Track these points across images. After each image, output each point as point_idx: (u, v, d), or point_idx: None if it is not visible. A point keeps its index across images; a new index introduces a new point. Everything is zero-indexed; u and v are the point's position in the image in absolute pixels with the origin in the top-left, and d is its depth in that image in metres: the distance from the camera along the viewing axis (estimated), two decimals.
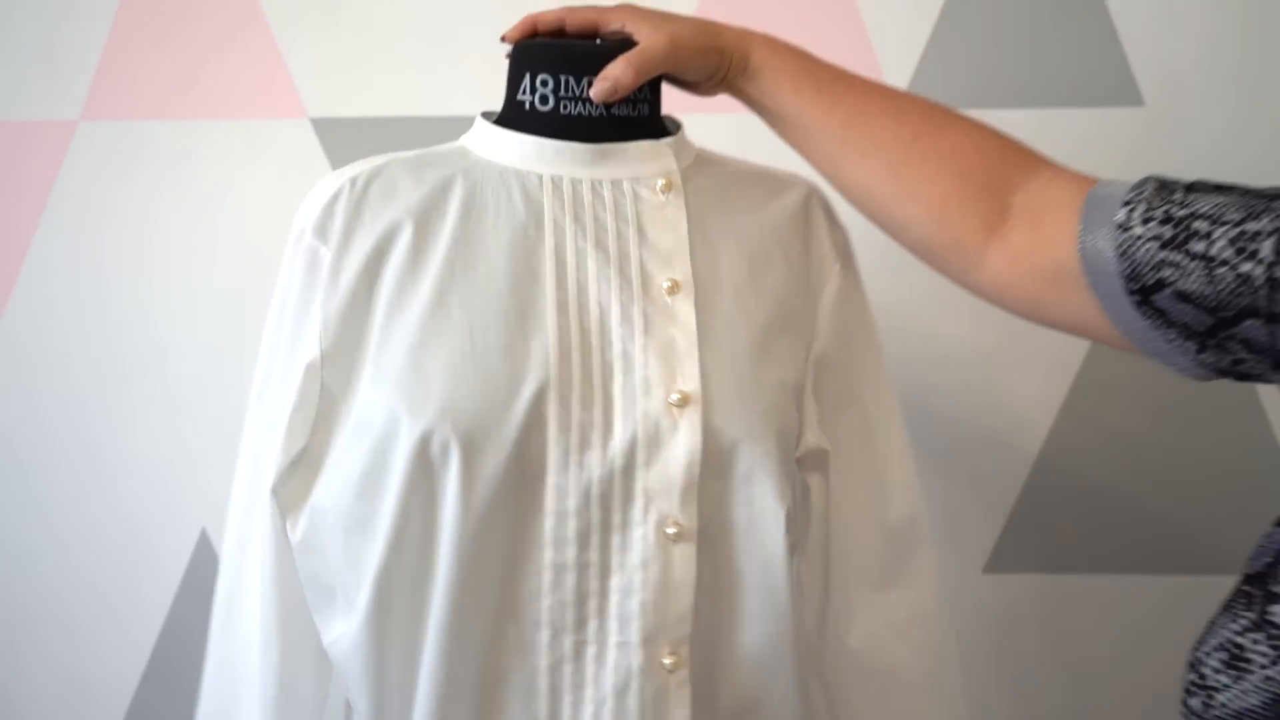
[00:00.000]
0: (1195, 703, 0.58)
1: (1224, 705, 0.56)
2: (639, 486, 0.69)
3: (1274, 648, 0.55)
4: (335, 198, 0.73)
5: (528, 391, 0.67)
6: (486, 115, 0.79)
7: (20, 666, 1.26)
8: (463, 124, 1.14)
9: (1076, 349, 1.15)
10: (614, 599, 0.69)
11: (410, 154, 0.77)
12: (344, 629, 0.72)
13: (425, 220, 0.73)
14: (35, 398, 1.22)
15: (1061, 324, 0.70)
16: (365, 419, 0.70)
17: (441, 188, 0.74)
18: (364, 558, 0.70)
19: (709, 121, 0.89)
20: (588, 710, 0.69)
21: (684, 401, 0.70)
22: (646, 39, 0.74)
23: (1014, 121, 1.11)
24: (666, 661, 0.69)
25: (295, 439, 0.73)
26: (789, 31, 1.11)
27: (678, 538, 0.69)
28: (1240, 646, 0.57)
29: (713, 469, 0.71)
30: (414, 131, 1.16)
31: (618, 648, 0.69)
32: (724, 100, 0.80)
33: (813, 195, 0.83)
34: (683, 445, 0.69)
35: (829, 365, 0.80)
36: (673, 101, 0.78)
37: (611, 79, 0.73)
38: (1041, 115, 1.12)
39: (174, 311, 1.20)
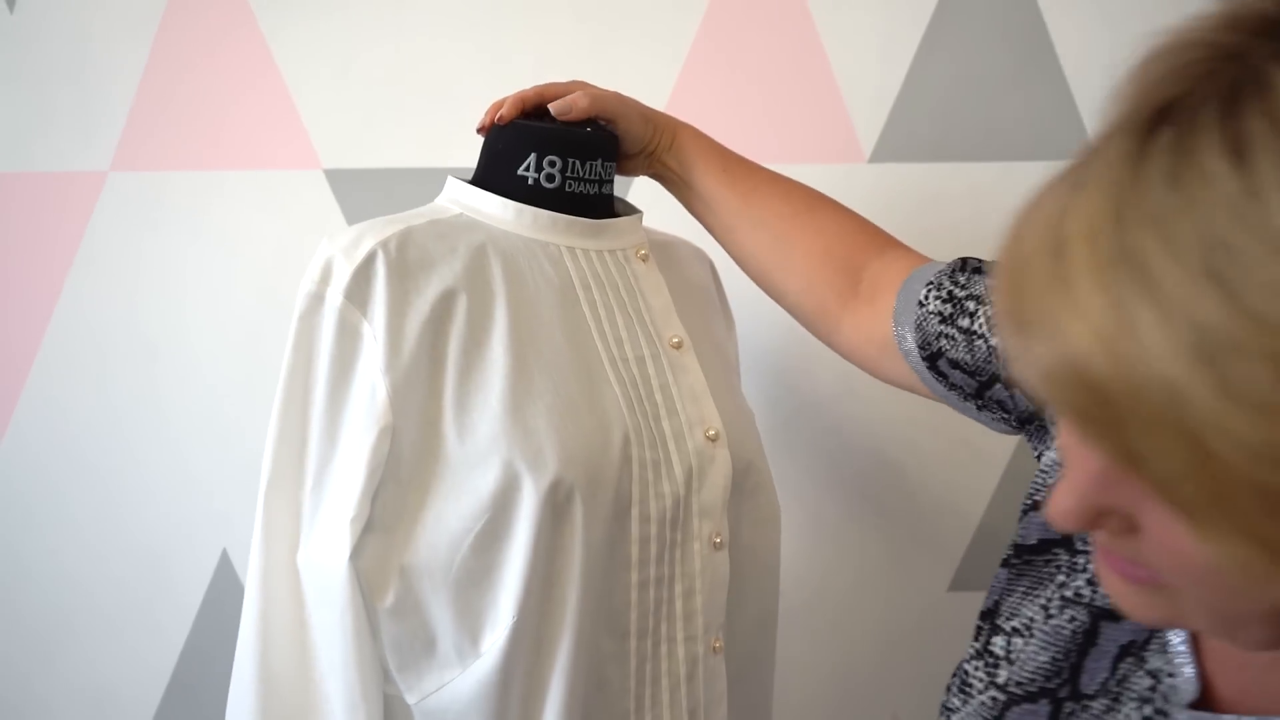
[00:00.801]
0: None
1: None
2: (695, 508, 0.80)
3: (989, 674, 0.61)
4: (368, 264, 0.73)
5: (617, 438, 0.74)
6: (459, 178, 0.84)
7: (50, 681, 1.32)
8: (466, 176, 1.20)
9: None
10: (678, 603, 0.80)
11: (420, 221, 0.79)
12: (449, 679, 0.75)
13: (476, 289, 0.76)
14: (68, 426, 1.28)
15: (896, 383, 0.78)
16: (468, 480, 0.72)
17: (478, 257, 0.77)
18: (483, 607, 0.73)
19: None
20: (665, 696, 0.80)
21: (716, 437, 0.82)
22: (603, 93, 0.84)
23: (975, 173, 1.19)
24: (716, 645, 0.82)
25: (364, 508, 0.73)
26: (766, 91, 1.18)
27: (719, 545, 0.81)
28: (967, 673, 0.62)
29: (735, 487, 0.84)
30: (420, 182, 1.22)
31: (684, 642, 0.80)
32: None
33: (710, 262, 0.98)
34: (720, 472, 0.82)
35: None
36: None
37: (570, 100, 0.82)
38: (1001, 167, 1.17)
39: (196, 347, 1.26)
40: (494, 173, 0.84)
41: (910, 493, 1.24)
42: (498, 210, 0.82)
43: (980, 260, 0.73)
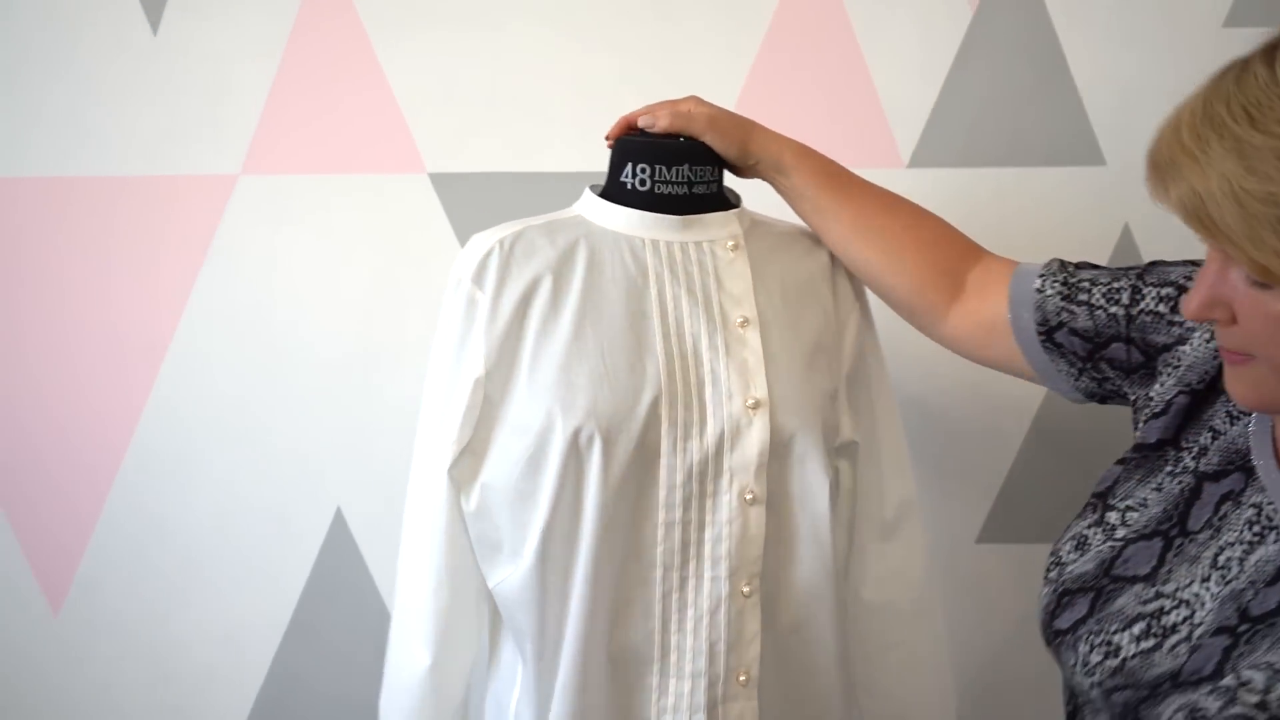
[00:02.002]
0: (1053, 574, 0.86)
1: (1071, 573, 0.85)
2: (726, 466, 0.93)
3: (1106, 534, 0.84)
4: (488, 255, 0.96)
5: (647, 398, 0.92)
6: (593, 188, 1.03)
7: (186, 621, 1.48)
8: (557, 179, 1.39)
9: None
10: (707, 547, 0.93)
11: (541, 220, 1.01)
12: (508, 573, 0.96)
13: (560, 274, 0.96)
14: (201, 400, 1.44)
15: (993, 361, 0.99)
16: (525, 419, 0.93)
17: (570, 249, 0.98)
18: (528, 519, 0.93)
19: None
20: (689, 625, 0.94)
21: (757, 405, 0.94)
22: (696, 111, 0.99)
23: (1000, 177, 1.36)
24: (745, 590, 0.94)
25: (464, 434, 0.97)
26: (818, 103, 1.35)
27: (753, 502, 0.94)
28: (1085, 537, 0.85)
29: (777, 453, 0.94)
30: (514, 184, 1.38)
31: (711, 580, 0.93)
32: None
33: (834, 260, 1.05)
34: (756, 436, 0.93)
35: (853, 381, 1.04)
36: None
37: (651, 114, 0.99)
38: (1021, 172, 1.34)
39: (316, 330, 1.42)
40: (610, 181, 1.02)
41: (939, 449, 1.40)
42: (601, 211, 1.01)
43: (1069, 261, 0.95)
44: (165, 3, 1.39)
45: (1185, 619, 0.77)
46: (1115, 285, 0.90)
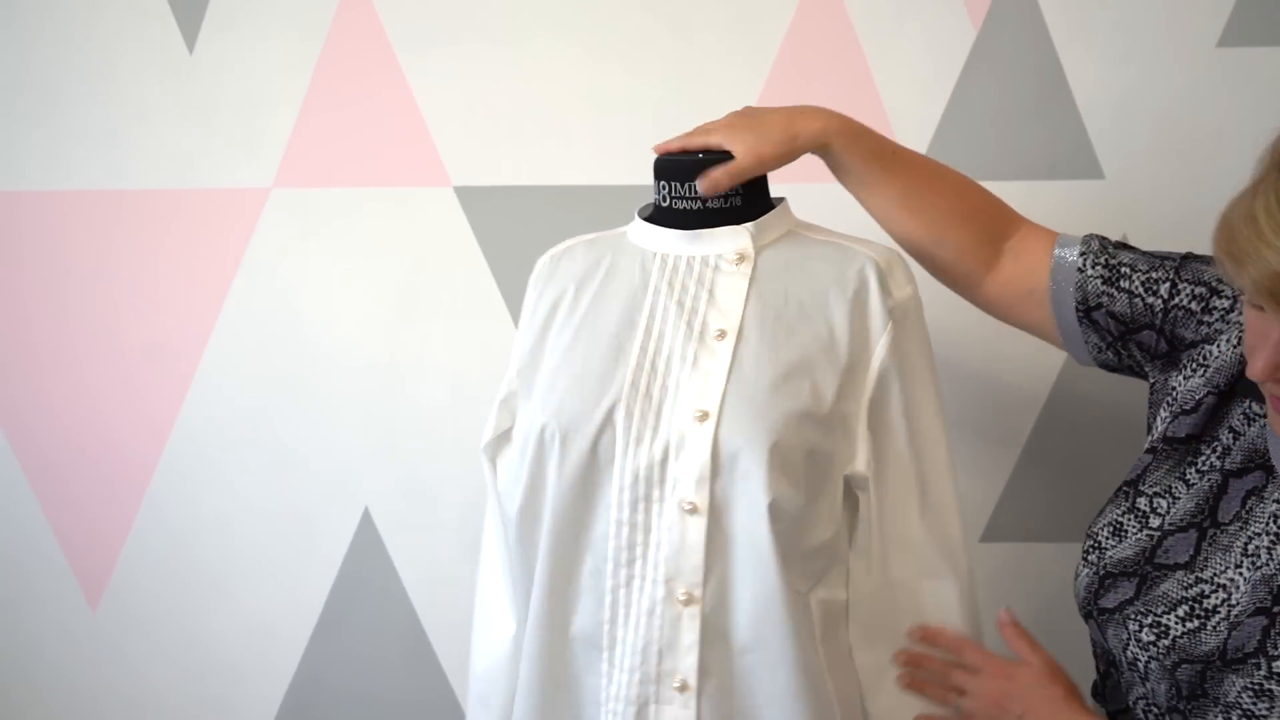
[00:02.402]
0: (1093, 558, 0.94)
1: (1111, 557, 0.94)
2: (670, 474, 0.96)
3: (1140, 522, 0.94)
4: (543, 264, 1.10)
5: (606, 403, 0.97)
6: (644, 208, 1.08)
7: (222, 615, 1.55)
8: (575, 192, 1.45)
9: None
10: (651, 549, 0.97)
11: (589, 238, 1.10)
12: (512, 539, 1.08)
13: (581, 285, 1.04)
14: (233, 405, 1.51)
15: (1022, 324, 1.07)
16: (524, 414, 1.05)
17: (597, 262, 1.05)
18: (514, 505, 1.04)
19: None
20: (631, 621, 0.98)
21: (704, 418, 0.95)
22: (740, 156, 0.99)
23: (1004, 190, 1.39)
24: (680, 597, 0.95)
25: (502, 420, 1.10)
26: None
27: (692, 512, 0.95)
28: (1121, 524, 0.94)
29: (720, 467, 0.94)
30: (537, 197, 1.44)
31: (651, 583, 0.96)
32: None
33: (871, 267, 1.00)
34: (699, 448, 0.94)
35: (878, 405, 1.01)
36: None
37: (711, 180, 0.99)
38: (1025, 185, 1.39)
39: (345, 338, 1.49)
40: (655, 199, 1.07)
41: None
42: (634, 228, 1.07)
43: (1108, 240, 1.01)
44: (201, 23, 1.46)
45: (1224, 601, 0.86)
46: (1154, 275, 0.97)
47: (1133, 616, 0.91)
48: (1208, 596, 0.88)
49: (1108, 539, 0.96)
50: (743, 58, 1.42)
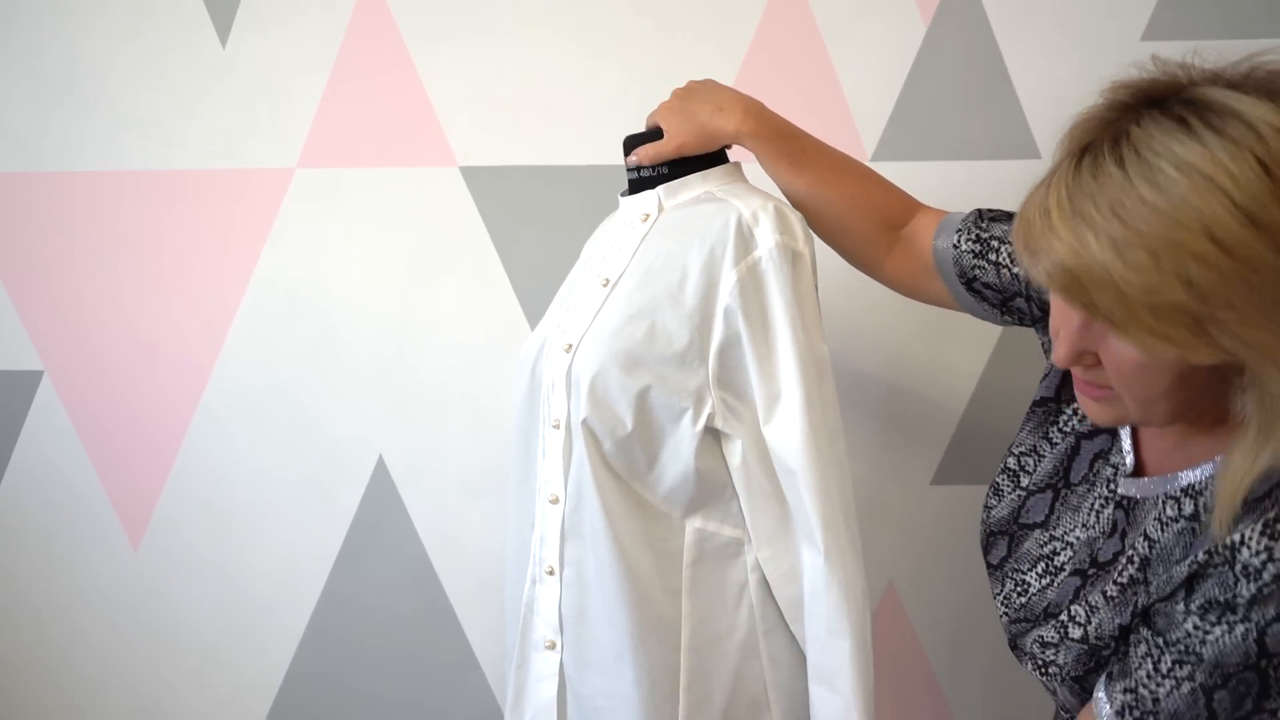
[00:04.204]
0: (983, 515, 1.03)
1: (994, 516, 1.01)
2: (551, 396, 1.10)
3: (1013, 483, 1.00)
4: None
5: (536, 342, 1.16)
6: None
7: (250, 552, 1.69)
8: (570, 171, 1.59)
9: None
10: (540, 458, 1.14)
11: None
12: None
13: (586, 248, 1.24)
14: (265, 362, 1.65)
15: (928, 300, 1.13)
16: None
17: (600, 228, 1.24)
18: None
19: None
20: (535, 515, 1.14)
21: (568, 349, 1.09)
22: (665, 139, 1.12)
23: (950, 169, 1.56)
24: (549, 498, 1.11)
25: None
26: (793, 105, 1.54)
27: (555, 428, 1.10)
28: (999, 484, 1.03)
29: (571, 390, 1.07)
30: (535, 176, 1.58)
31: (538, 486, 1.14)
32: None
33: (735, 218, 1.03)
34: (562, 373, 1.08)
35: (726, 357, 1.04)
36: None
37: (638, 156, 1.15)
38: (968, 165, 1.54)
39: (362, 304, 1.62)
40: None
41: (895, 393, 1.58)
42: None
43: (993, 210, 1.05)
44: (233, 21, 1.61)
45: (1070, 559, 0.90)
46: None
47: (1009, 574, 0.95)
48: (1058, 554, 0.91)
49: (991, 498, 1.02)
50: (719, 52, 1.56)
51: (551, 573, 1.11)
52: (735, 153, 1.28)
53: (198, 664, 1.73)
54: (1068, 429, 0.97)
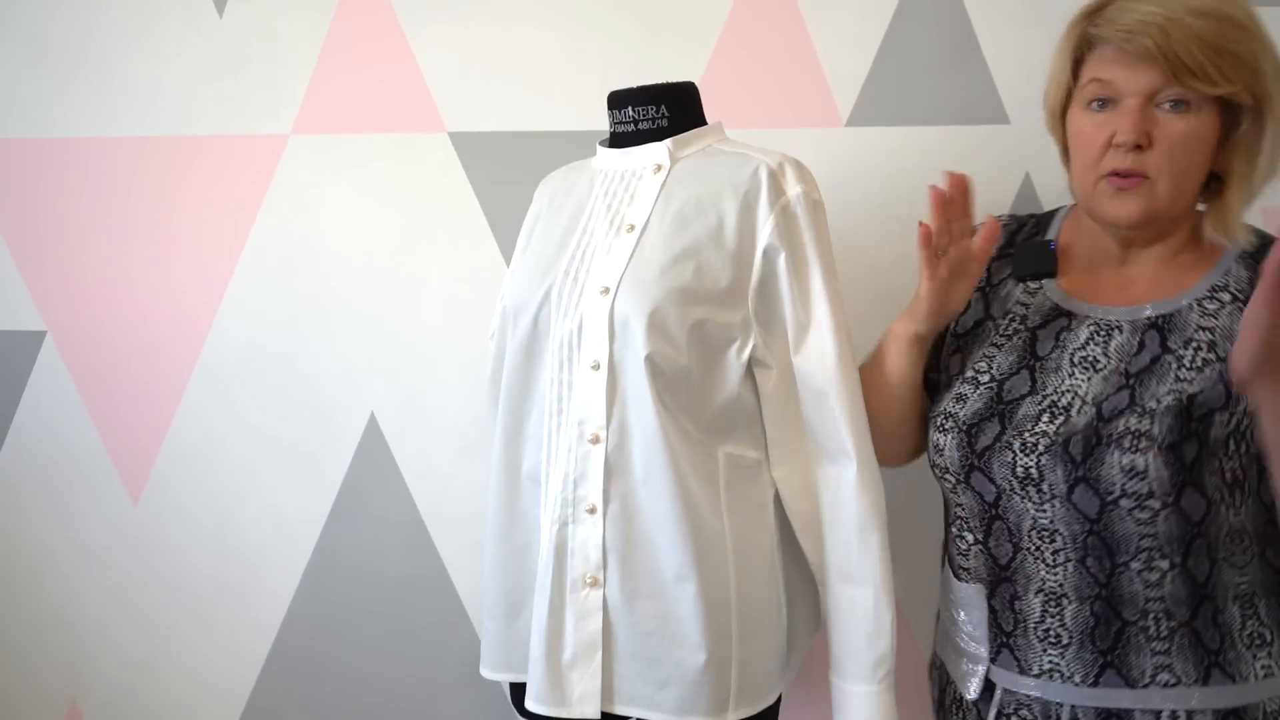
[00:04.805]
0: (949, 424, 1.12)
1: (965, 413, 1.11)
2: (584, 338, 1.14)
3: (975, 386, 1.12)
4: (537, 190, 1.34)
5: (544, 287, 1.19)
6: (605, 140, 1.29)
7: (244, 510, 1.74)
8: (554, 137, 1.64)
9: None
10: (571, 400, 1.17)
11: (574, 164, 1.31)
12: None
13: (552, 201, 1.27)
14: (260, 320, 1.70)
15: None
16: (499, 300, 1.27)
17: (570, 182, 1.27)
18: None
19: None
20: (558, 458, 1.18)
21: (605, 292, 1.14)
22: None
23: (924, 134, 1.60)
24: (589, 437, 1.15)
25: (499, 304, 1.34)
26: (770, 73, 1.60)
27: (595, 368, 1.14)
28: (961, 393, 1.14)
29: (615, 332, 1.13)
30: (522, 141, 1.63)
31: (570, 426, 1.17)
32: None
33: (765, 170, 1.15)
34: (600, 315, 1.13)
35: (766, 284, 1.15)
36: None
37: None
38: (939, 130, 1.57)
39: (354, 266, 1.67)
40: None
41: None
42: (598, 153, 1.29)
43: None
44: None
45: (1075, 397, 1.05)
46: None
47: (1009, 442, 1.06)
48: (1058, 401, 1.05)
49: (954, 407, 1.12)
50: (699, 20, 1.61)
51: (593, 511, 1.14)
52: (713, 114, 1.34)
53: (193, 618, 1.78)
54: (1011, 331, 1.13)
